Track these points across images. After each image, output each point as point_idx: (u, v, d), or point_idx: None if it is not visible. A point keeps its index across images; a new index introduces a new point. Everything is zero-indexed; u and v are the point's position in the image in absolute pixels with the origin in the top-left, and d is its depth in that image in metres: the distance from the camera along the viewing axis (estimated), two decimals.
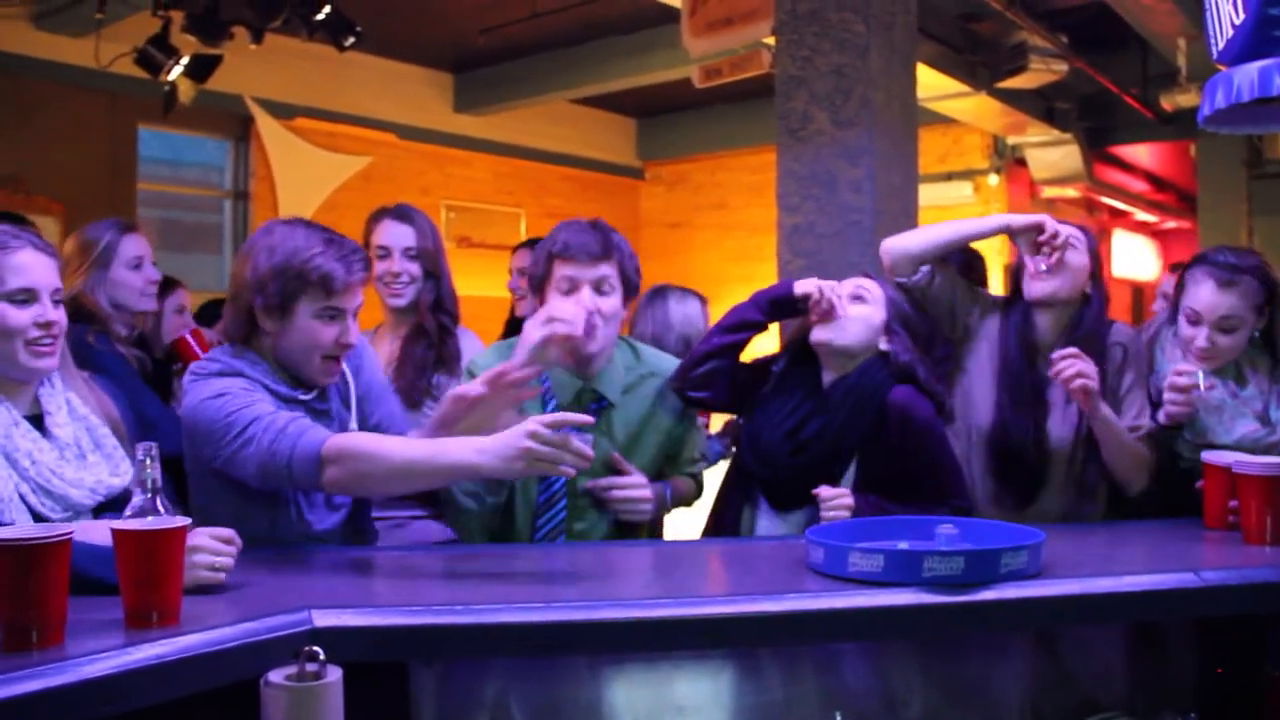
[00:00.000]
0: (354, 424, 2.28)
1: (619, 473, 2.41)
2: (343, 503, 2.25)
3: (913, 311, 2.59)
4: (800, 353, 2.54)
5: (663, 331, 3.38)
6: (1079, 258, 2.62)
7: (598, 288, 2.38)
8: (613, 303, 2.40)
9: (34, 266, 1.90)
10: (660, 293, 3.51)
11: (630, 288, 2.46)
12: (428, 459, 1.95)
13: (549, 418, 1.87)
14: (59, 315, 1.93)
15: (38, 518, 1.82)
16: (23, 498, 1.82)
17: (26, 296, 1.88)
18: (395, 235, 2.91)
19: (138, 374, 2.92)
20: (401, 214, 2.98)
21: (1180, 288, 2.62)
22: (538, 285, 2.46)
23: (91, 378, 2.13)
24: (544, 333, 2.23)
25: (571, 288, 2.37)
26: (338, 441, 1.98)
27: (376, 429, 2.30)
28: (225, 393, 2.05)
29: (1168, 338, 2.69)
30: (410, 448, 2.02)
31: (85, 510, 1.89)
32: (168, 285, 3.61)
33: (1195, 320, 2.55)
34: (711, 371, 2.50)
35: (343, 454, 1.96)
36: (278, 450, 1.97)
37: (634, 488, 2.23)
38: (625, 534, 2.44)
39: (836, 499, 2.29)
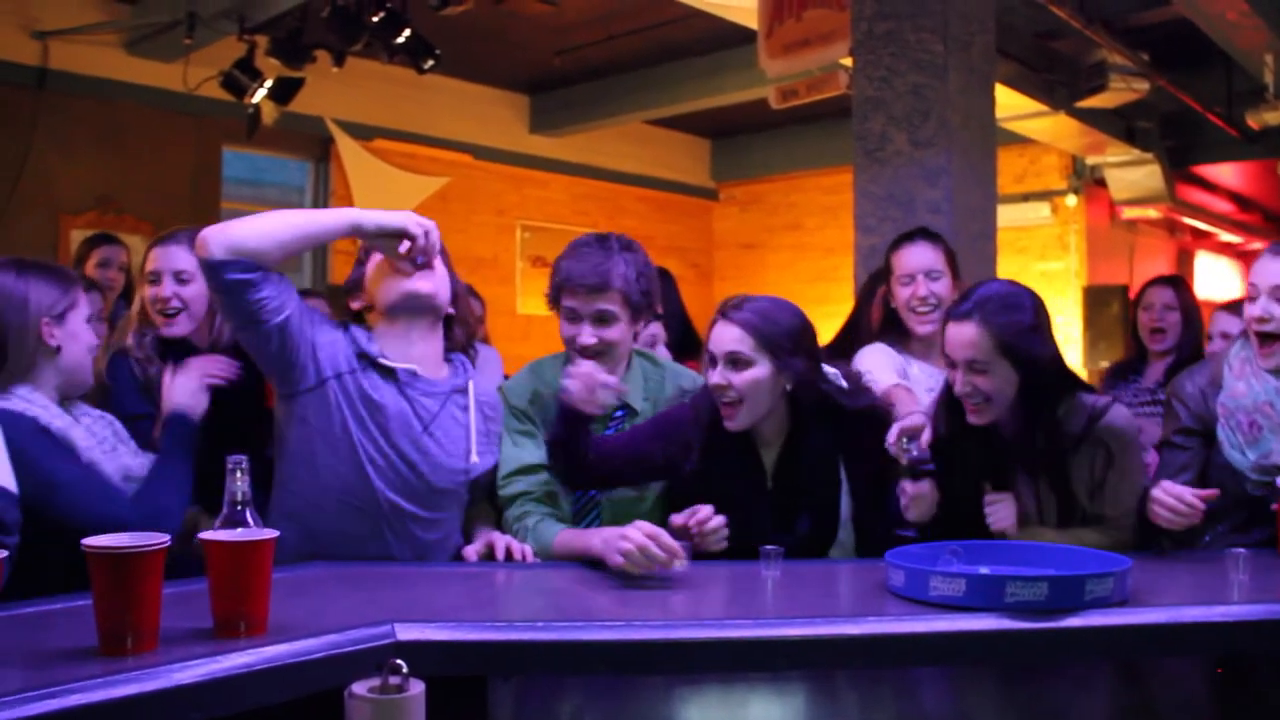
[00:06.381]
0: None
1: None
2: None
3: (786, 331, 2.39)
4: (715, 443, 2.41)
5: None
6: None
7: (600, 319, 2.43)
8: (617, 330, 2.44)
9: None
10: None
11: (638, 309, 2.48)
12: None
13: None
14: None
15: None
16: None
17: None
18: None
19: (134, 383, 2.75)
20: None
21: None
22: (554, 304, 2.52)
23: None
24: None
25: (574, 318, 2.45)
26: None
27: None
28: None
29: (1235, 352, 2.56)
30: None
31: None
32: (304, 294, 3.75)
33: (1254, 296, 2.45)
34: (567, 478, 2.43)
35: None
36: None
37: (715, 518, 2.26)
38: None
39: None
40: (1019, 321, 2.30)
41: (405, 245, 2.31)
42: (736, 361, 2.33)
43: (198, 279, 2.67)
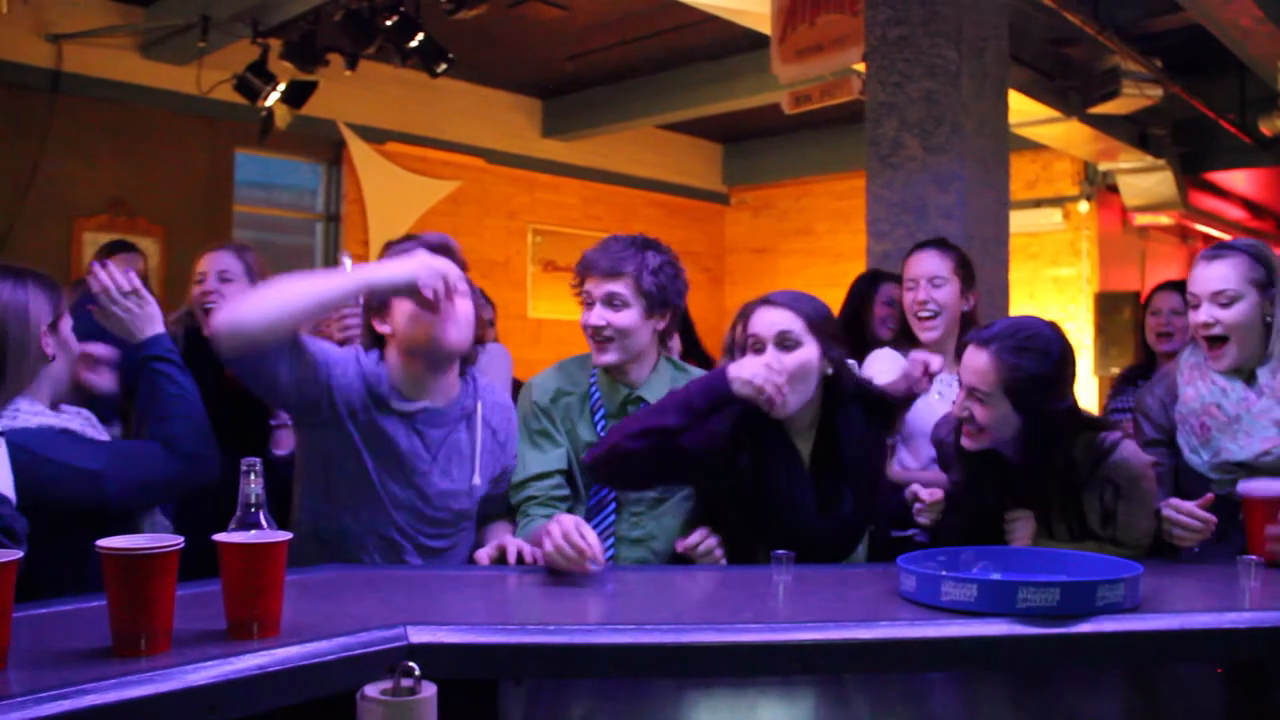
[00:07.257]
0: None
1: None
2: None
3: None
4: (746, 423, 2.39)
5: None
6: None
7: (609, 302, 2.48)
8: (626, 316, 2.48)
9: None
10: None
11: (654, 301, 2.50)
12: None
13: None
14: None
15: None
16: None
17: None
18: None
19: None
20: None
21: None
22: (578, 292, 2.58)
23: None
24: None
25: (588, 301, 2.53)
26: None
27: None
28: None
29: (1185, 359, 2.64)
30: None
31: None
32: None
33: (1196, 304, 2.52)
34: (630, 471, 2.36)
35: None
36: None
37: (706, 540, 2.31)
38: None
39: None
40: (1035, 370, 2.26)
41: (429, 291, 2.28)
42: (786, 341, 2.34)
43: (239, 279, 3.07)
